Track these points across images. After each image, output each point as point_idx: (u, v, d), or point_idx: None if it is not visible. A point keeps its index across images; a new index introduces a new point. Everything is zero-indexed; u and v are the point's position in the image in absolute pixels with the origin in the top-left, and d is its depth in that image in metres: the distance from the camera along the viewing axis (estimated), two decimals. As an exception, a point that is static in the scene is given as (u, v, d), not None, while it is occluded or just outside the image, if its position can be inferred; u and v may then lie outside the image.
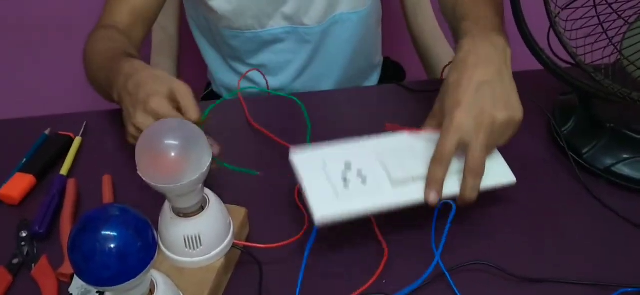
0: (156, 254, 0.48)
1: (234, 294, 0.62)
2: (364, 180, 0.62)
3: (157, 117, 0.62)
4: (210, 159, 0.57)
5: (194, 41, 1.07)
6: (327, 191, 0.61)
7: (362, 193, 0.62)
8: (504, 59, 0.66)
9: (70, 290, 0.61)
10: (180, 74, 1.16)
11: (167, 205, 0.60)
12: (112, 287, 0.47)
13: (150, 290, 0.52)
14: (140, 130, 0.62)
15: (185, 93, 0.64)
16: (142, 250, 0.47)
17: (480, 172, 0.62)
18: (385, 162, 0.64)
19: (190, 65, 1.20)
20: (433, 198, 0.61)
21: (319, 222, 0.59)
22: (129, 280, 0.47)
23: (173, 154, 0.54)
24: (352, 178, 0.62)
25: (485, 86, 0.63)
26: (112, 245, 0.45)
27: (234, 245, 0.62)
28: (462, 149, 0.62)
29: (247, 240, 0.66)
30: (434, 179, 0.62)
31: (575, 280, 0.61)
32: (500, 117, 0.62)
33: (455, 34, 0.75)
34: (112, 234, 0.45)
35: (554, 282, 0.61)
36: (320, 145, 0.65)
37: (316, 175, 0.62)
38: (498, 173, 0.66)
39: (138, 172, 0.55)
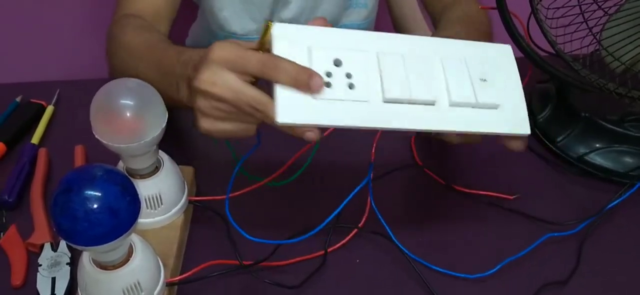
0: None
1: (193, 249, 0.63)
2: (351, 86, 0.52)
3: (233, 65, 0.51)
4: (166, 118, 0.57)
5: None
6: None
7: (343, 102, 0.51)
8: None
9: (40, 260, 0.60)
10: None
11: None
12: (104, 245, 0.46)
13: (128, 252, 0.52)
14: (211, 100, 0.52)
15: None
16: (131, 203, 0.47)
17: None
18: (383, 71, 0.53)
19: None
20: None
21: (281, 124, 0.50)
22: (121, 234, 0.47)
23: (129, 114, 0.54)
24: (337, 79, 0.52)
25: None
26: (103, 202, 0.45)
27: (190, 201, 0.64)
28: None
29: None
30: None
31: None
32: None
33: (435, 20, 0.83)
34: (101, 191, 0.45)
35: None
36: (311, 27, 0.53)
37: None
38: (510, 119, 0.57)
39: (93, 133, 0.54)
